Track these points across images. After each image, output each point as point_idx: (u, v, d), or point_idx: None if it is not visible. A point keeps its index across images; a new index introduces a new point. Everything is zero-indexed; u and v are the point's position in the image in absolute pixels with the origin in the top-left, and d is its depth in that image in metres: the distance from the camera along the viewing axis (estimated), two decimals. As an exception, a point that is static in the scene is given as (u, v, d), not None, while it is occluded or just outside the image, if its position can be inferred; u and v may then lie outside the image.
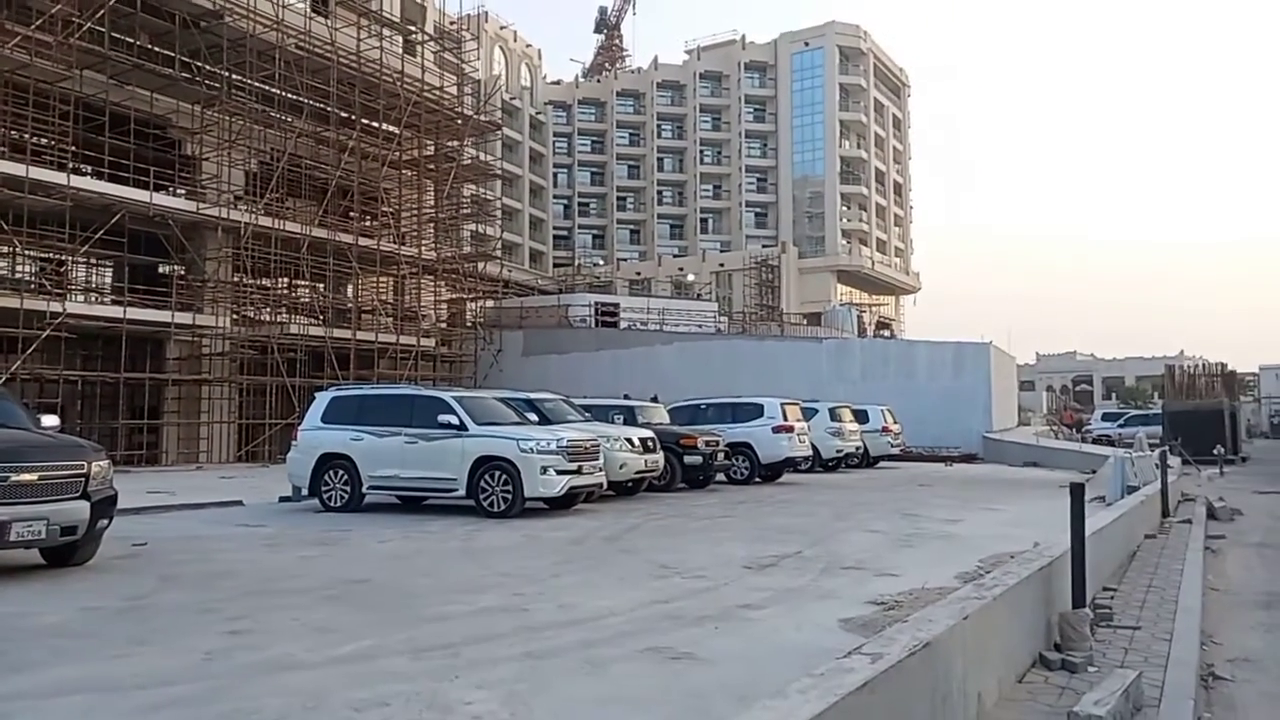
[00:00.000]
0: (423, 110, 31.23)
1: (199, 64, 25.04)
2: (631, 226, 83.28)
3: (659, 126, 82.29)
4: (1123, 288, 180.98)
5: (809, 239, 76.40)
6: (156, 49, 24.49)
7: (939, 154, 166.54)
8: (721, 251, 75.90)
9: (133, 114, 23.79)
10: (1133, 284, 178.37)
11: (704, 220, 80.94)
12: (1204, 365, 32.55)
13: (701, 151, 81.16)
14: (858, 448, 24.00)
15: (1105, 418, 40.90)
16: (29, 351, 20.52)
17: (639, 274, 74.45)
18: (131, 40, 23.35)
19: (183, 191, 25.93)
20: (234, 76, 25.62)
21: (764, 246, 71.85)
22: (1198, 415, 27.89)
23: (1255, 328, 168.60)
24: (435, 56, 35.05)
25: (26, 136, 21.48)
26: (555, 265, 78.28)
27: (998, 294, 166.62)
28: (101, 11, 22.00)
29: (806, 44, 78.57)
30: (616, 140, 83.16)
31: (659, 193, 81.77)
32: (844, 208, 77.56)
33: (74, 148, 21.95)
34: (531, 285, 54.59)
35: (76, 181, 21.53)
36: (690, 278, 68.84)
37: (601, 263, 79.31)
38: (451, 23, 42.38)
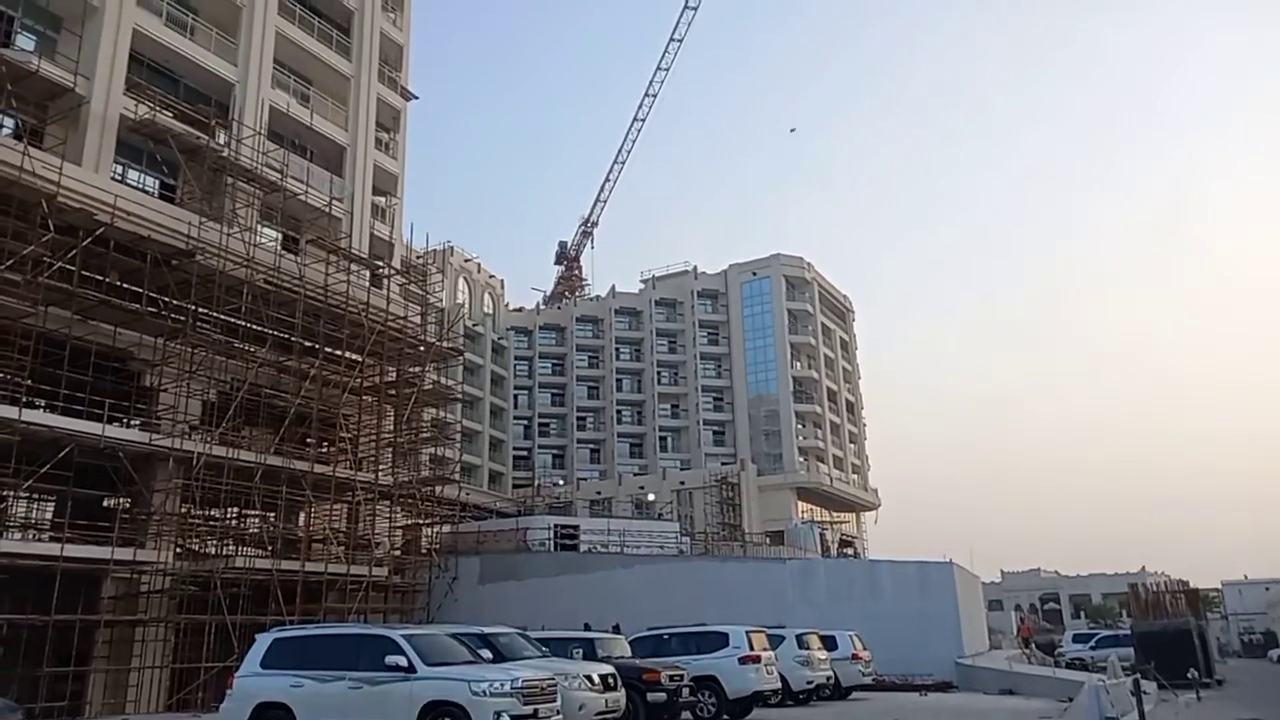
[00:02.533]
0: (386, 339, 31.98)
1: (166, 299, 25.64)
2: (591, 446, 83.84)
3: (617, 349, 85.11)
4: (1081, 502, 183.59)
5: (767, 456, 77.23)
6: (125, 285, 25.10)
7: (889, 371, 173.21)
8: (681, 470, 76.22)
9: (94, 348, 23.98)
10: (1091, 498, 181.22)
11: (663, 439, 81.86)
12: (1167, 582, 32.51)
13: (659, 373, 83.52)
14: (828, 677, 23.03)
15: (1076, 639, 40.09)
16: (-47, 593, 19.36)
17: (599, 493, 74.04)
18: (101, 278, 23.97)
19: (137, 423, 25.72)
20: (200, 310, 26.20)
21: (723, 464, 72.36)
22: (1167, 635, 27.51)
23: (1216, 544, 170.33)
24: (401, 288, 36.39)
25: (-18, 371, 21.45)
26: (515, 486, 77.71)
27: (956, 509, 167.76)
28: (74, 252, 22.73)
29: (754, 274, 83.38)
30: (576, 363, 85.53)
31: (618, 412, 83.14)
32: (799, 426, 79.17)
33: (29, 381, 21.89)
34: (490, 507, 53.76)
35: (28, 415, 21.31)
36: (651, 497, 68.55)
37: (561, 482, 78.97)
38: (418, 257, 44.44)
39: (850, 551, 76.54)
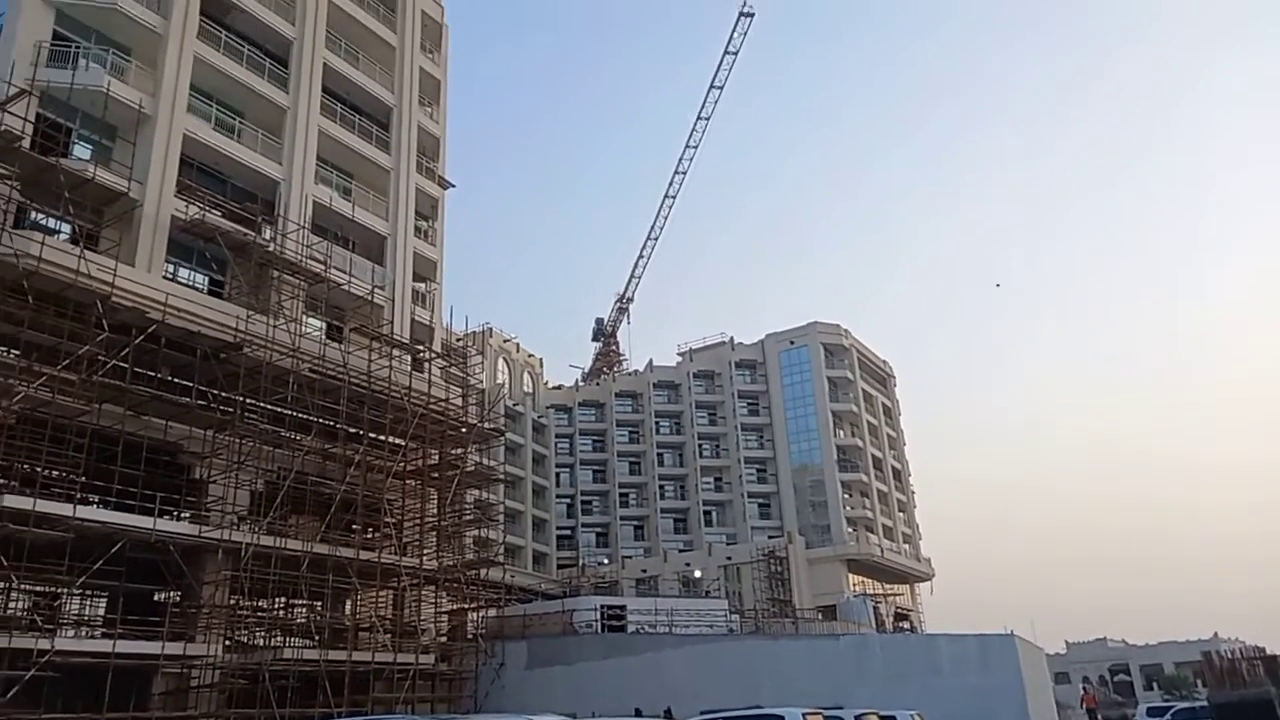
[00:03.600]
0: (428, 422, 32.21)
1: (215, 391, 26.18)
2: (635, 523, 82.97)
3: (657, 424, 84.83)
4: (1146, 567, 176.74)
5: (815, 528, 75.79)
6: (175, 379, 25.70)
7: (933, 435, 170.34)
8: (727, 544, 75.01)
9: (145, 442, 24.46)
10: (1156, 563, 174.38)
11: (707, 513, 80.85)
12: (1242, 649, 30.93)
13: (700, 446, 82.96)
14: (891, 760, 22.03)
15: (1151, 713, 38.01)
16: (10, 694, 19.44)
17: (645, 571, 72.99)
18: (153, 374, 24.58)
19: (187, 515, 26.01)
20: (247, 401, 26.68)
21: (770, 537, 71.09)
22: (1246, 706, 25.93)
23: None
24: (442, 371, 36.78)
25: (39, 470, 21.90)
26: (559, 566, 76.93)
27: (1014, 578, 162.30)
28: (128, 350, 23.39)
29: (792, 343, 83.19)
30: (617, 438, 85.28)
31: (661, 487, 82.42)
32: (846, 495, 77.79)
33: (83, 478, 22.31)
34: (536, 590, 53.16)
35: (82, 512, 21.66)
36: (697, 573, 67.39)
37: (606, 561, 78.06)
38: (458, 340, 45.06)
39: (906, 625, 74.16)
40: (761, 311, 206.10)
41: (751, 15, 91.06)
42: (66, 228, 25.50)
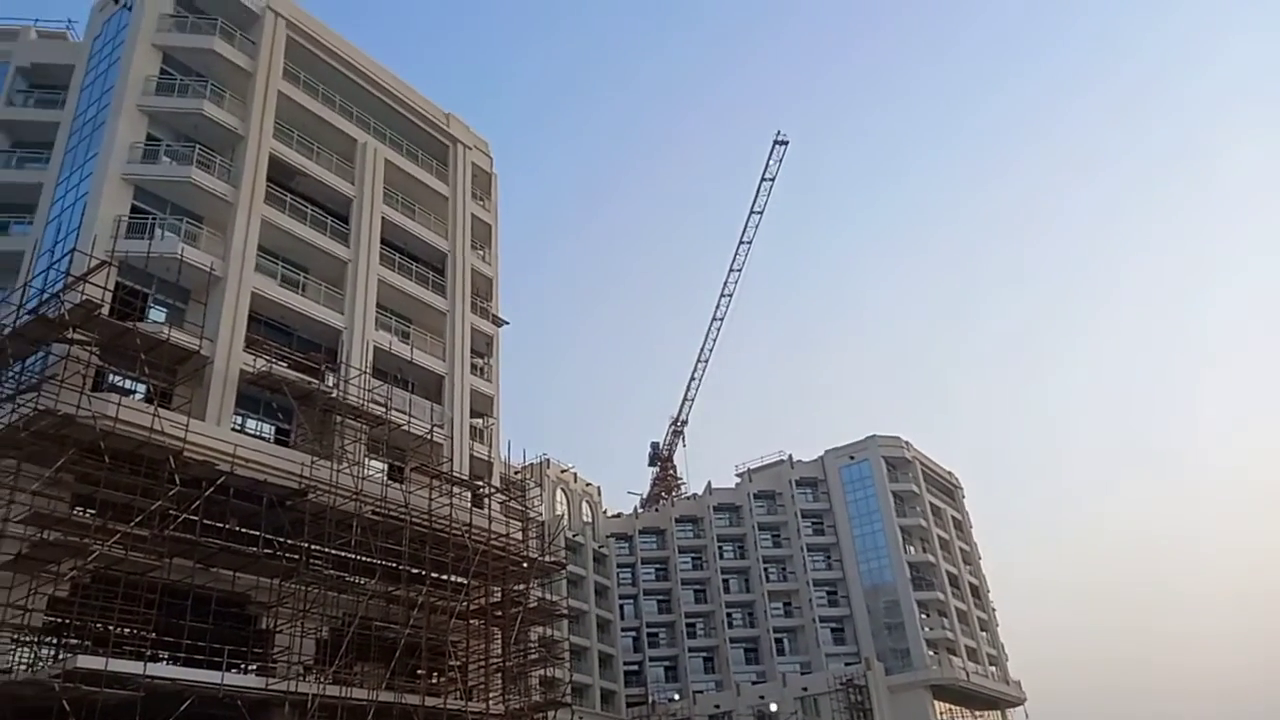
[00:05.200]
0: (490, 558, 31.95)
1: (281, 539, 26.42)
2: (704, 654, 79.93)
3: (720, 548, 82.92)
4: (1253, 671, 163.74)
5: (893, 652, 72.24)
6: (242, 529, 26.05)
7: (1008, 548, 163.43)
8: (802, 674, 71.78)
9: (214, 594, 24.61)
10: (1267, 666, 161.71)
11: (778, 640, 77.75)
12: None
13: (766, 569, 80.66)
14: None
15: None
16: None
17: (718, 706, 69.92)
18: (221, 525, 24.97)
19: (254, 668, 25.81)
20: (312, 547, 26.83)
21: (846, 664, 67.97)
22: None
23: None
24: (502, 506, 36.73)
25: (111, 628, 22.08)
26: (629, 704, 74.09)
27: (1110, 692, 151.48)
28: (198, 503, 23.89)
29: (852, 458, 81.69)
30: (680, 566, 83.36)
31: (728, 615, 79.79)
32: (923, 616, 74.38)
33: (154, 634, 22.41)
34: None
35: (152, 669, 21.64)
36: (773, 707, 64.35)
37: (677, 697, 74.97)
38: (516, 473, 45.18)
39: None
40: (817, 427, 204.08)
41: (786, 143, 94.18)
42: (142, 387, 26.58)
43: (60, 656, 22.00)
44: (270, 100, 33.46)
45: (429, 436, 33.08)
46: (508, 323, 42.92)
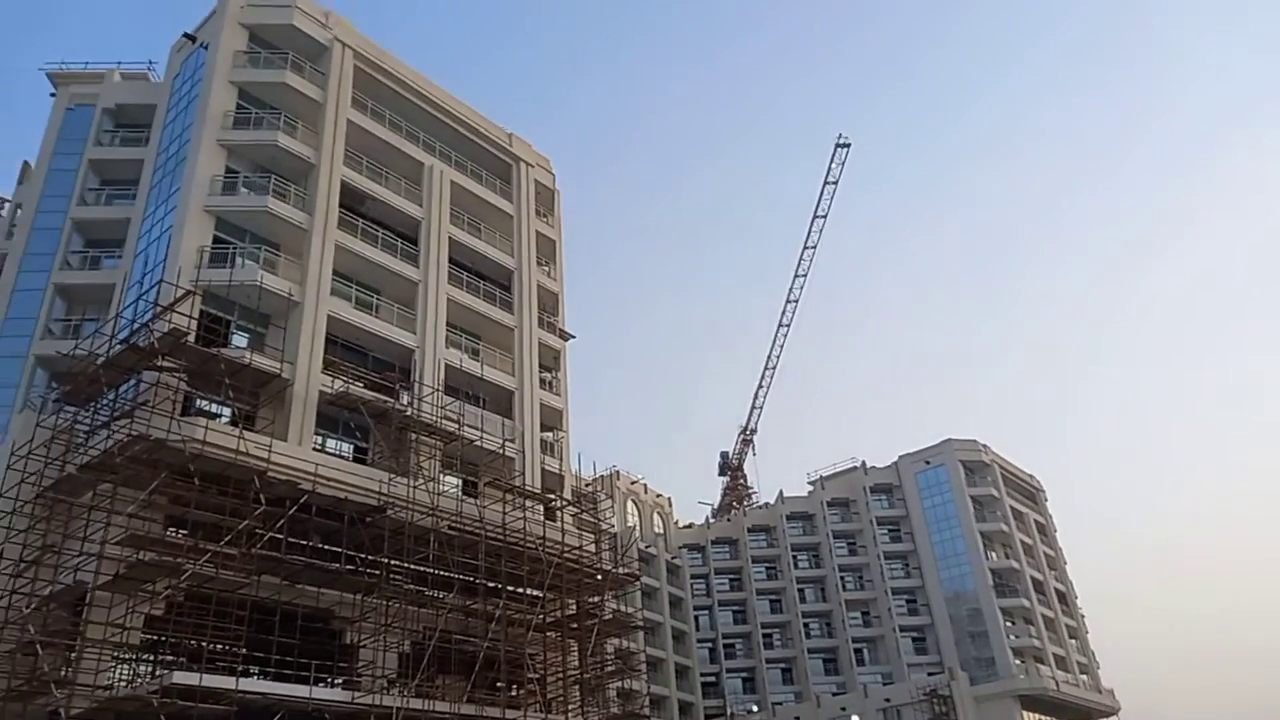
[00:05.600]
0: (564, 571, 32.16)
1: (362, 555, 27.04)
2: (782, 665, 78.90)
3: (795, 557, 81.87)
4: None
5: (977, 661, 70.28)
6: (326, 546, 26.74)
7: (1095, 553, 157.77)
8: (884, 684, 70.33)
9: (299, 610, 25.30)
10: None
11: (858, 651, 76.35)
12: None
13: (842, 578, 79.36)
14: None
15: None
16: None
17: (797, 718, 68.85)
18: (305, 543, 25.68)
19: (340, 681, 26.42)
20: (392, 562, 27.40)
21: (929, 674, 66.40)
22: None
23: None
24: (574, 518, 36.96)
25: (204, 644, 22.87)
26: (707, 716, 73.62)
27: (1211, 696, 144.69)
28: (282, 521, 24.63)
29: (927, 462, 79.96)
30: (754, 575, 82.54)
31: (805, 625, 78.68)
32: (1008, 623, 72.22)
33: (244, 650, 23.13)
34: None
35: (244, 684, 22.32)
36: (855, 718, 63.08)
37: (755, 709, 74.19)
38: (587, 485, 45.42)
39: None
40: (889, 431, 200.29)
41: (848, 146, 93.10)
42: (227, 411, 27.55)
43: (158, 672, 22.85)
44: (340, 128, 34.48)
45: (501, 451, 33.50)
46: (574, 336, 43.32)
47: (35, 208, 34.59)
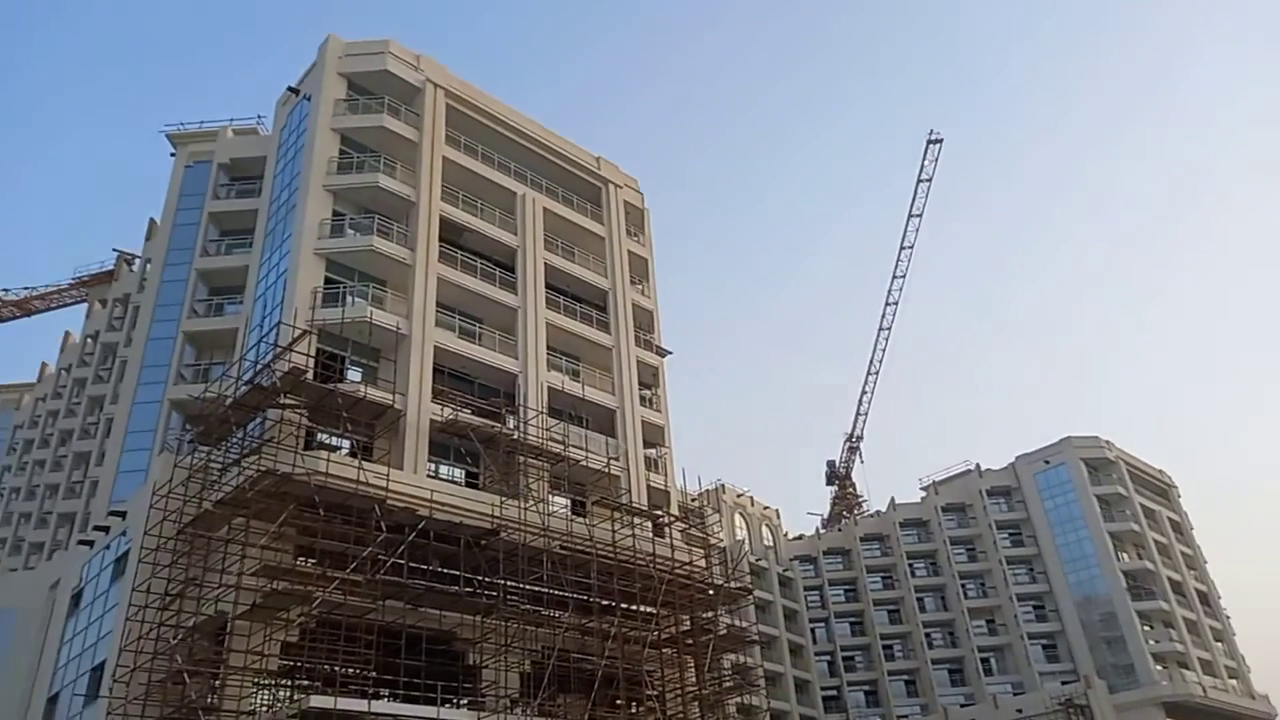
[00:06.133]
0: (675, 587, 32.15)
1: (479, 577, 27.69)
2: (904, 677, 76.60)
3: (911, 566, 79.64)
4: None
5: (1115, 669, 66.72)
6: (444, 570, 27.50)
7: (1236, 550, 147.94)
8: (1014, 694, 67.47)
9: (424, 633, 26.08)
10: None
11: (984, 660, 73.56)
12: None
13: (963, 586, 76.71)
14: None
15: None
16: None
17: (925, 732, 66.66)
18: (426, 567, 26.50)
19: (464, 702, 27.05)
20: (508, 584, 27.97)
21: (1063, 683, 63.43)
22: None
23: None
24: (682, 534, 36.96)
25: (336, 668, 23.81)
26: (829, 731, 72.01)
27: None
28: (403, 547, 25.49)
29: (1046, 462, 76.77)
30: (869, 586, 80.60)
31: (927, 635, 76.26)
32: (1146, 628, 68.37)
33: (374, 673, 23.96)
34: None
35: (376, 706, 23.11)
36: (985, 731, 60.66)
37: (880, 722, 72.15)
38: (694, 500, 45.38)
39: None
40: (1000, 433, 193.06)
41: (940, 141, 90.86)
42: (346, 443, 28.74)
43: (295, 697, 23.87)
44: (436, 166, 35.75)
45: (606, 470, 33.85)
46: (670, 352, 43.48)
47: (163, 261, 37.09)
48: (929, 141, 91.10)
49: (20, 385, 61.84)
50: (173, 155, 40.42)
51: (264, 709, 23.92)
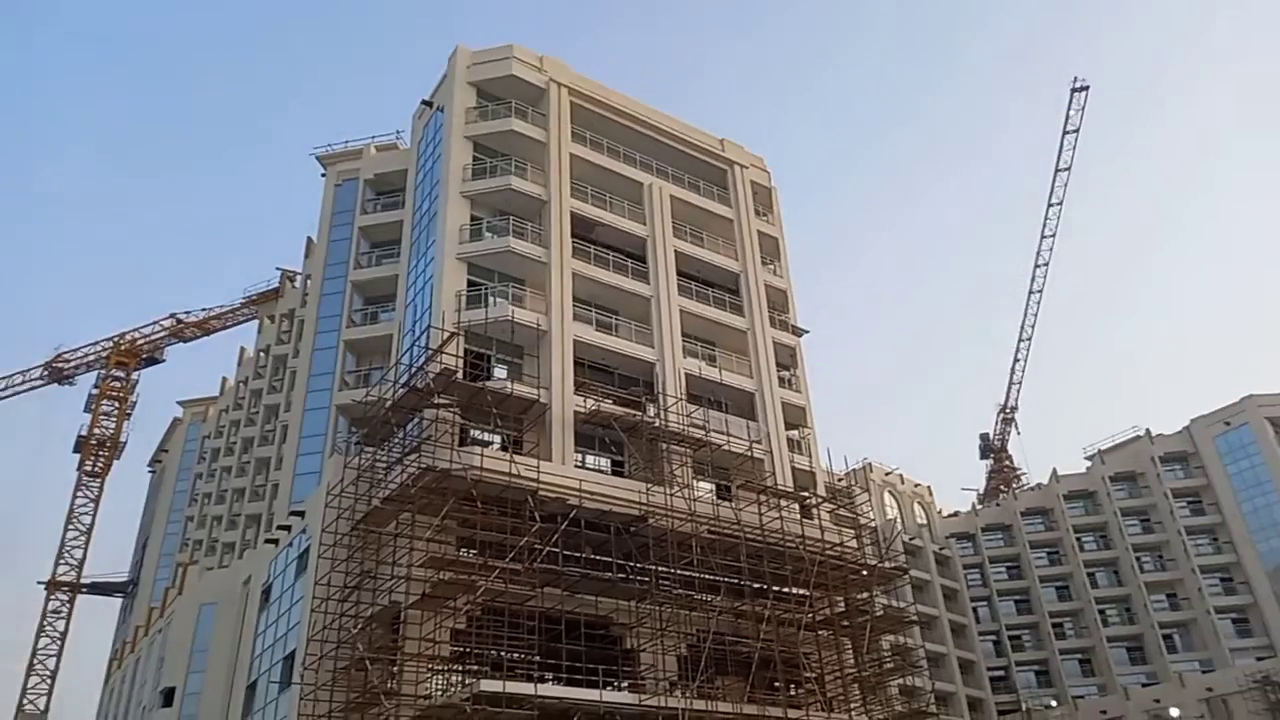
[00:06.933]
0: (827, 568, 31.81)
1: (631, 563, 28.27)
2: (1078, 656, 72.87)
3: (1079, 539, 75.50)
4: None
5: (1316, 642, 61.14)
6: (597, 556, 28.22)
7: None
8: (1203, 672, 63.01)
9: (582, 618, 26.88)
10: None
11: (1167, 637, 69.05)
12: None
13: (1138, 559, 72.15)
14: None
15: None
16: None
17: (1104, 713, 63.29)
18: (579, 554, 27.30)
19: (625, 685, 27.71)
20: (659, 569, 28.42)
21: (1259, 659, 58.72)
22: None
23: None
24: (830, 515, 36.47)
25: (502, 653, 24.90)
26: (1000, 713, 69.53)
27: None
28: (557, 535, 26.35)
29: (1227, 424, 71.11)
30: (1034, 562, 76.95)
31: (1100, 613, 72.22)
32: (1350, 597, 62.29)
33: (538, 658, 24.91)
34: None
35: (542, 690, 24.05)
36: (1174, 712, 57.01)
37: (1054, 704, 68.97)
38: (840, 479, 44.58)
39: None
40: (1168, 396, 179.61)
41: (1086, 89, 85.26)
42: (497, 438, 29.93)
43: (466, 681, 25.13)
44: (564, 163, 36.56)
45: (749, 453, 33.76)
46: (807, 331, 42.80)
47: (321, 276, 39.62)
48: (1073, 90, 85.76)
49: (206, 399, 67.39)
50: (323, 176, 43.02)
51: (439, 693, 25.27)
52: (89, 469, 73.09)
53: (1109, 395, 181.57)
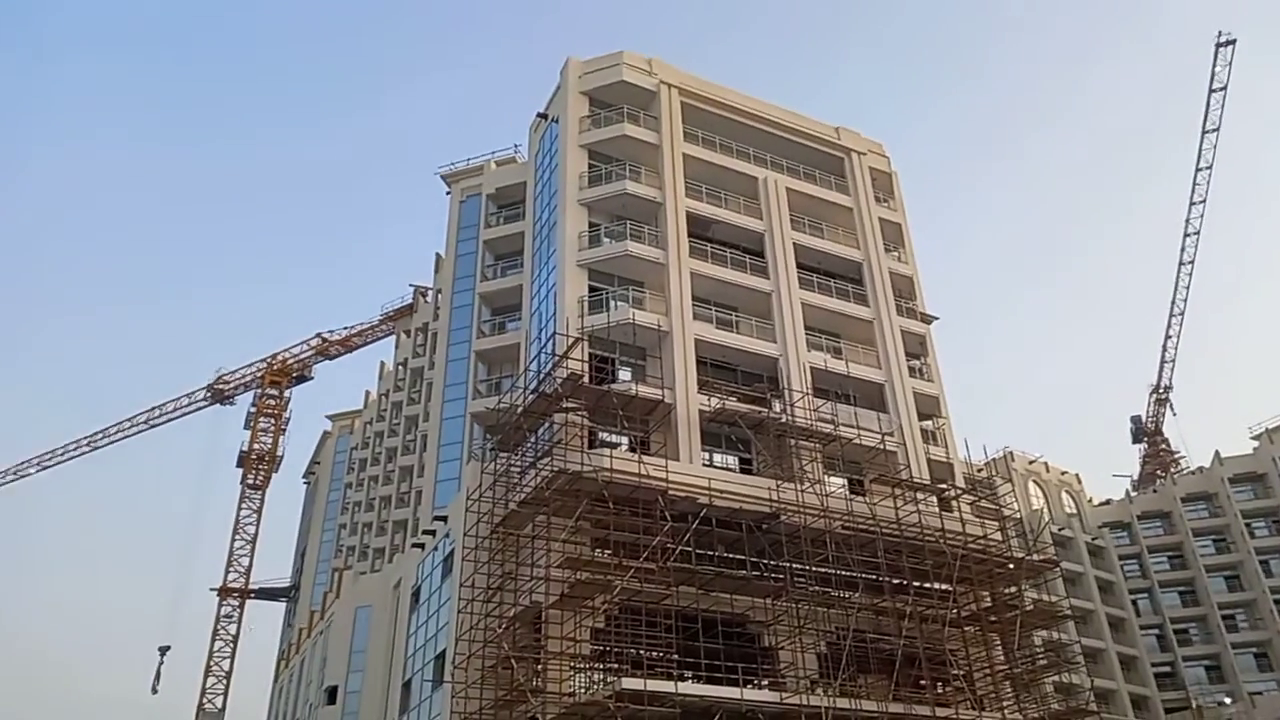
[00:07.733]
0: (971, 562, 30.72)
1: (765, 561, 28.12)
2: (1254, 650, 67.66)
3: (1249, 525, 70.07)
4: None
5: None
6: (730, 555, 28.21)
7: None
8: (1405, 668, 57.26)
9: (718, 616, 26.93)
10: None
11: (1359, 629, 63.04)
12: None
13: (1318, 544, 66.21)
14: None
15: None
16: None
17: (1287, 711, 58.30)
18: (712, 553, 27.35)
19: (765, 683, 27.58)
20: (794, 566, 28.14)
21: None
22: None
23: None
24: (971, 507, 35.18)
25: (641, 652, 25.23)
26: (1167, 710, 65.27)
27: None
28: (688, 534, 26.49)
29: None
30: (1199, 550, 71.85)
31: (1277, 603, 66.75)
32: None
33: (676, 656, 25.12)
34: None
35: (682, 688, 24.22)
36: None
37: (1229, 700, 64.19)
38: (979, 470, 42.96)
39: None
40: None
41: (1233, 42, 79.07)
42: (625, 439, 30.35)
43: (608, 679, 25.59)
44: (678, 164, 36.73)
45: (881, 446, 32.98)
46: (937, 318, 41.44)
47: (451, 290, 41.25)
48: (1218, 45, 79.62)
49: (351, 412, 71.30)
50: (448, 194, 44.73)
51: (582, 691, 25.84)
52: (251, 482, 78.43)
53: (1273, 372, 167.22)
